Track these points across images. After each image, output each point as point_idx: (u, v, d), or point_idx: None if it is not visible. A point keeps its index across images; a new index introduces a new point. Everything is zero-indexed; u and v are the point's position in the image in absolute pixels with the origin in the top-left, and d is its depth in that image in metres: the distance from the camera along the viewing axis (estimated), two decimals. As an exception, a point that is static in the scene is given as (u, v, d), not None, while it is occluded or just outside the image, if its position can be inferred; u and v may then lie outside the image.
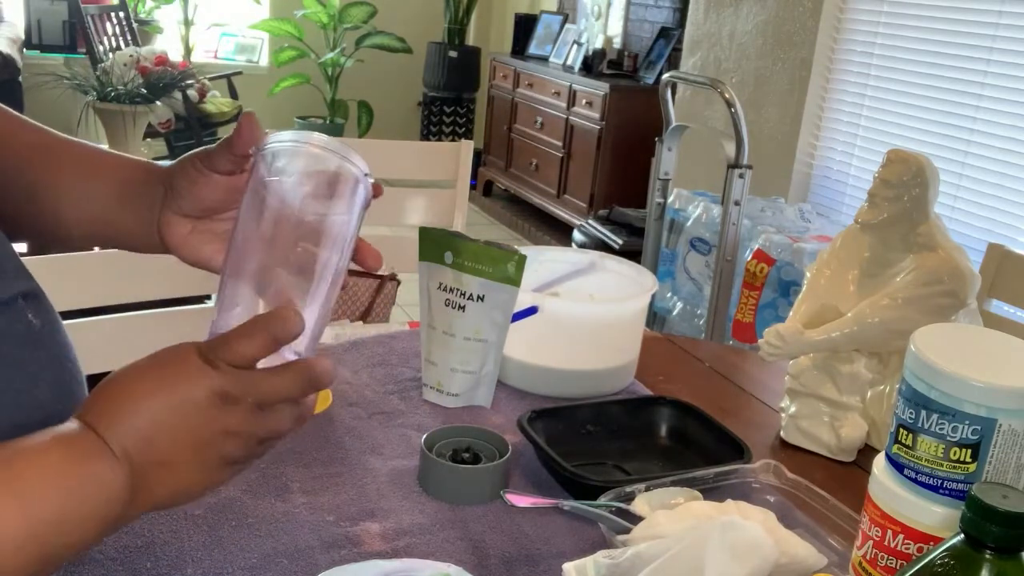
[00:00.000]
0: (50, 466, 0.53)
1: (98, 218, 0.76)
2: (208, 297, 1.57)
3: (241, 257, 0.62)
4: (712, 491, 0.86)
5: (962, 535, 0.56)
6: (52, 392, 0.64)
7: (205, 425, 0.57)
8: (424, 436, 0.92)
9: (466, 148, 1.94)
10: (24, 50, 5.27)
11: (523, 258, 1.02)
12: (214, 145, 0.69)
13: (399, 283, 2.33)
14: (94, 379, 0.76)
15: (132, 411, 0.56)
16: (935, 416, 0.65)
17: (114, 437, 0.55)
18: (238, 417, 0.57)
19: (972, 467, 0.64)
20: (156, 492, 0.57)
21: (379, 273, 2.25)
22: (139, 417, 0.55)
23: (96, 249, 1.26)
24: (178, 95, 4.37)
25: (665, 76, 2.83)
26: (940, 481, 0.66)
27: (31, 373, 0.64)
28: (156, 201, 0.73)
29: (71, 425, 0.56)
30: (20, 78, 4.81)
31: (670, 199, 2.98)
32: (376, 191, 0.67)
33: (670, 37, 4.64)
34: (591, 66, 4.89)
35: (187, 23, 5.93)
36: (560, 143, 4.87)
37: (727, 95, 2.52)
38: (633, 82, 4.66)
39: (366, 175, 0.64)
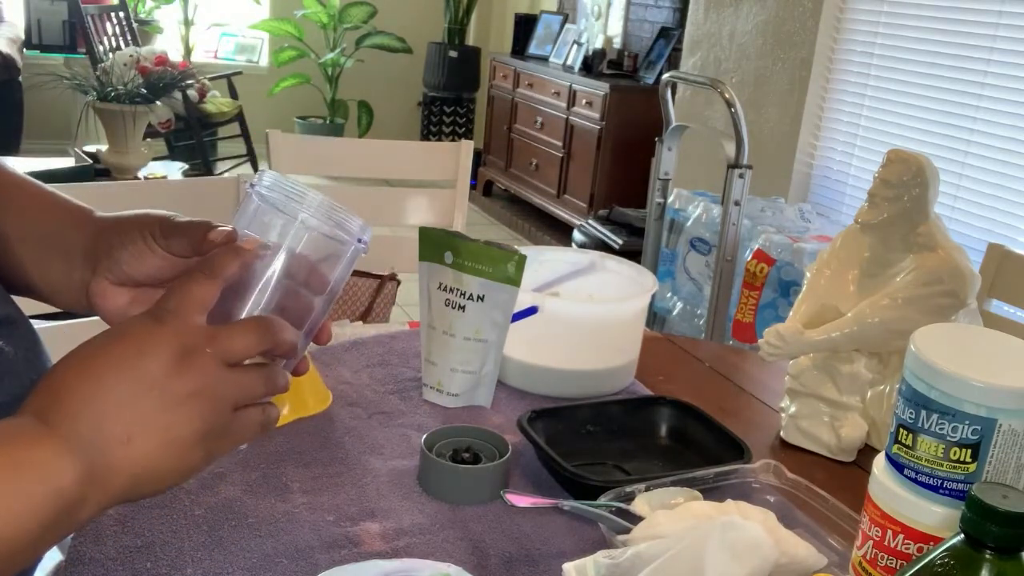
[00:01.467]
0: None
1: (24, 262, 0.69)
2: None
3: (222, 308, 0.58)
4: (712, 491, 0.86)
5: (962, 535, 0.56)
6: None
7: (169, 387, 0.51)
8: (424, 436, 0.92)
9: (466, 148, 1.94)
10: (24, 50, 5.28)
11: (523, 258, 1.02)
12: (173, 221, 0.63)
13: (399, 283, 2.33)
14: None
15: (83, 391, 0.51)
16: (935, 416, 0.65)
17: (62, 421, 0.50)
18: (202, 372, 0.52)
19: (972, 467, 0.64)
20: (119, 478, 0.51)
21: (379, 273, 2.25)
22: (92, 395, 0.51)
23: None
24: (178, 95, 4.36)
25: (665, 76, 2.83)
26: (940, 481, 0.66)
27: (1, 404, 0.60)
28: (77, 256, 0.66)
29: (9, 419, 0.51)
30: (20, 78, 4.82)
31: (670, 199, 2.98)
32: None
33: (670, 37, 4.65)
34: (591, 66, 4.89)
35: (187, 23, 5.93)
36: (560, 143, 4.87)
37: (727, 95, 2.52)
38: (633, 82, 4.67)
39: (360, 240, 0.61)
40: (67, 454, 0.49)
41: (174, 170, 3.92)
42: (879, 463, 0.72)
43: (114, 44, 5.11)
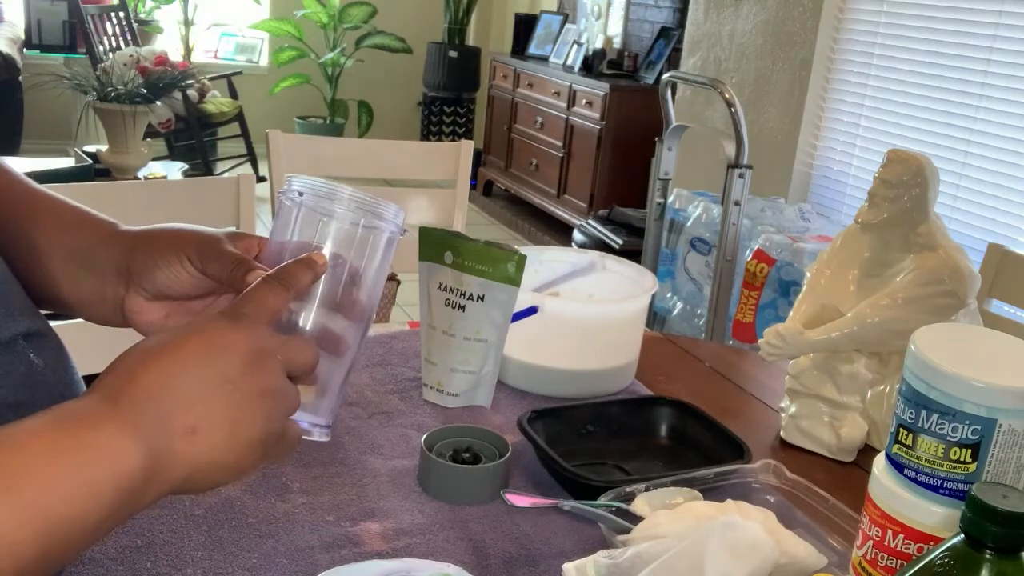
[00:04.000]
0: (36, 436, 0.48)
1: (57, 279, 0.71)
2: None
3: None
4: (712, 491, 0.86)
5: (962, 535, 0.56)
6: None
7: (242, 384, 0.53)
8: (424, 436, 0.92)
9: (466, 148, 1.94)
10: (24, 50, 5.28)
11: (523, 258, 1.02)
12: (210, 250, 0.65)
13: (399, 283, 2.33)
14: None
15: (154, 379, 0.52)
16: (935, 416, 0.65)
17: (130, 405, 0.50)
18: (272, 375, 0.54)
19: (972, 467, 0.64)
20: (179, 468, 0.52)
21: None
22: (163, 383, 0.51)
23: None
24: (178, 95, 4.36)
25: (665, 76, 2.83)
26: (940, 481, 0.66)
27: (30, 415, 0.62)
28: (108, 273, 0.68)
29: (76, 399, 0.52)
30: (20, 78, 4.82)
31: (670, 199, 2.98)
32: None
33: (670, 37, 4.65)
34: (591, 66, 4.89)
35: (187, 23, 5.93)
36: (560, 143, 4.87)
37: (727, 95, 2.52)
38: (633, 82, 4.67)
39: (398, 227, 0.65)
40: (132, 439, 0.50)
41: (174, 170, 3.92)
42: (879, 463, 0.72)
43: (114, 44, 5.11)
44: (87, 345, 0.86)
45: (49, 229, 0.71)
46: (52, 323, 0.71)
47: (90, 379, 0.65)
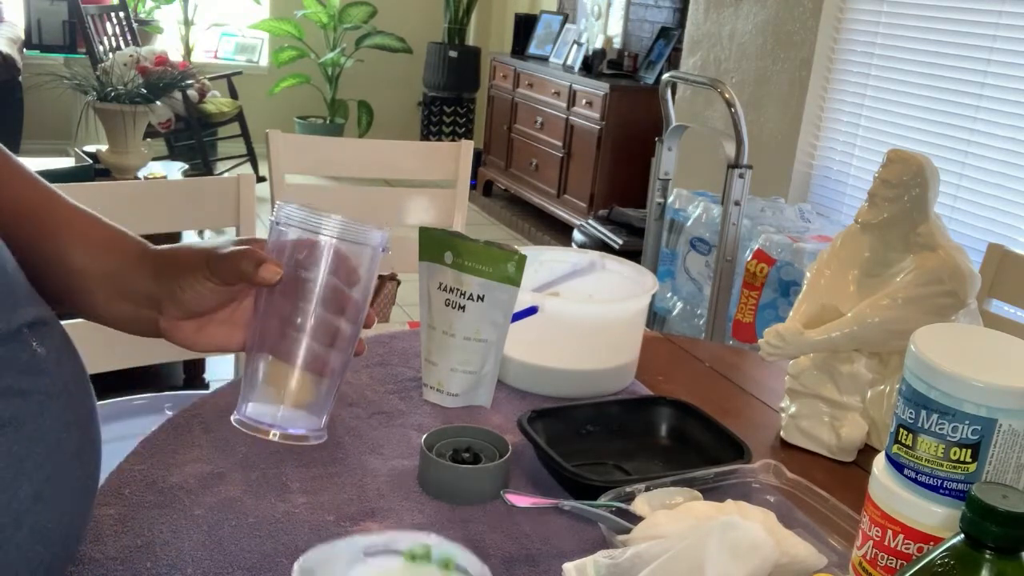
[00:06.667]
0: None
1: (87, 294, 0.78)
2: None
3: (268, 335, 0.75)
4: (712, 491, 0.86)
5: (962, 535, 0.56)
6: (58, 420, 0.63)
7: None
8: (424, 436, 0.92)
9: (466, 148, 1.94)
10: (24, 50, 5.28)
11: (523, 258, 1.02)
12: (216, 257, 0.73)
13: (399, 283, 2.33)
14: (97, 379, 0.76)
15: None
16: (935, 416, 0.65)
17: None
18: None
19: (972, 467, 0.64)
20: None
21: (379, 273, 2.25)
22: None
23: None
24: (178, 95, 4.36)
25: (665, 76, 2.84)
26: (940, 481, 0.66)
27: (36, 402, 0.62)
28: (141, 299, 0.76)
29: None
30: (20, 78, 4.82)
31: (670, 199, 2.98)
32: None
33: (670, 37, 4.65)
34: (591, 66, 4.89)
35: (187, 23, 5.93)
36: (560, 143, 4.87)
37: (727, 95, 2.52)
38: (633, 82, 4.67)
39: (384, 249, 0.74)
40: None
41: (174, 170, 3.92)
42: (879, 463, 0.72)
43: (114, 44, 5.11)
44: (93, 343, 0.86)
45: (80, 249, 0.78)
46: (63, 322, 0.71)
47: (96, 377, 0.66)
